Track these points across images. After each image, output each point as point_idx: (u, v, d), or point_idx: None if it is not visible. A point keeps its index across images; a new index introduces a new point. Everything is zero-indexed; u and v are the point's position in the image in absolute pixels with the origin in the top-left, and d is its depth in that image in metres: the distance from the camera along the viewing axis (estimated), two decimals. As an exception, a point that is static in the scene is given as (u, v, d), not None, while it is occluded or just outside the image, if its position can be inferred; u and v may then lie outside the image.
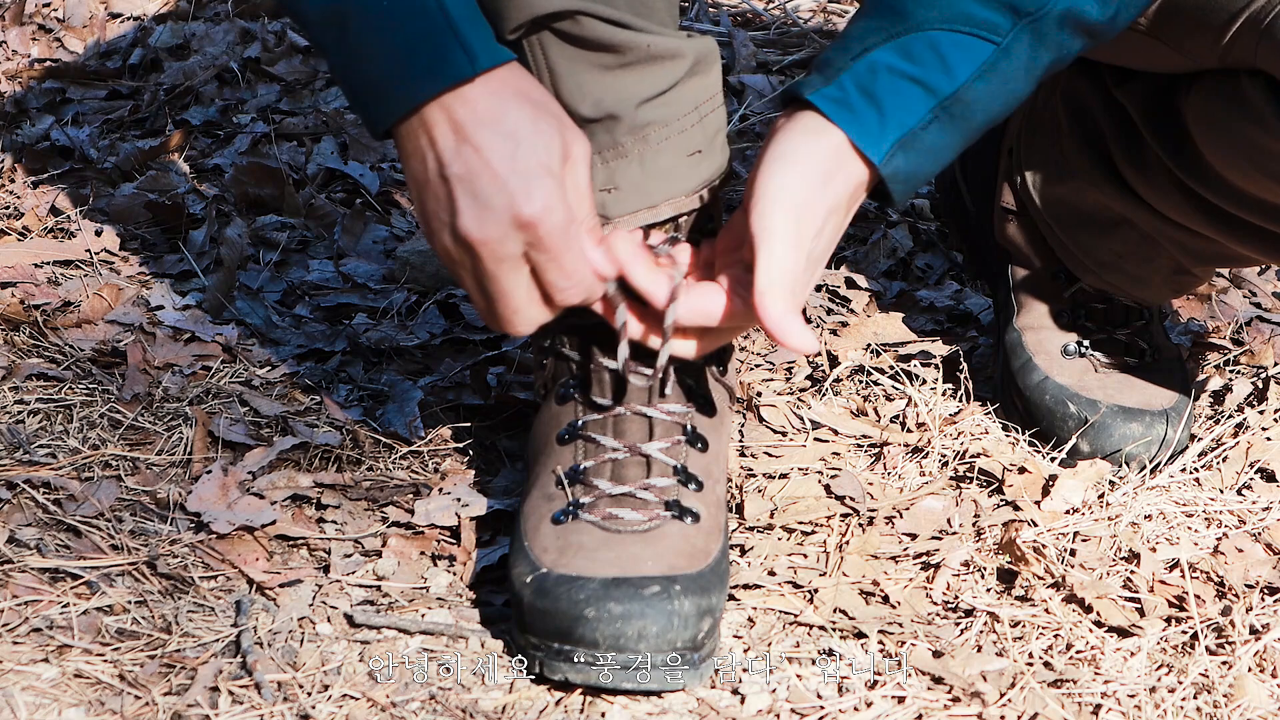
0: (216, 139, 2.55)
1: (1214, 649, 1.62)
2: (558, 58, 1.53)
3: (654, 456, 1.61)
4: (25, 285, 2.10)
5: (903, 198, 1.50)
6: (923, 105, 1.47)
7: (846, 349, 2.04)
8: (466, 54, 1.44)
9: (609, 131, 1.55)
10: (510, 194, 1.44)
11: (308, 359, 2.02)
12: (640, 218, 1.59)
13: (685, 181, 1.59)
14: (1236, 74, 1.66)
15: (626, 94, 1.54)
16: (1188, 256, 1.92)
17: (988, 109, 1.49)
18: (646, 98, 1.55)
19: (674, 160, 1.58)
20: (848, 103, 1.47)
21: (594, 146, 1.55)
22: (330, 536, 1.73)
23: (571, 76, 1.53)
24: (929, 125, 1.47)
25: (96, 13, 2.92)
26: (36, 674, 1.52)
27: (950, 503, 1.81)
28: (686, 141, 1.58)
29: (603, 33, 1.51)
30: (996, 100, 1.49)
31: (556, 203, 1.45)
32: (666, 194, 1.59)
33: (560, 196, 1.46)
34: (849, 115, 1.47)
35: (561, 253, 1.47)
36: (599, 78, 1.53)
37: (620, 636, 1.50)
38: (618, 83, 1.54)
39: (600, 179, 1.57)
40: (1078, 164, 1.93)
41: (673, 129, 1.57)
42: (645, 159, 1.57)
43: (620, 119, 1.55)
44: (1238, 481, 1.86)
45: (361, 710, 1.52)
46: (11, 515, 1.71)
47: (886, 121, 1.46)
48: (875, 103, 1.46)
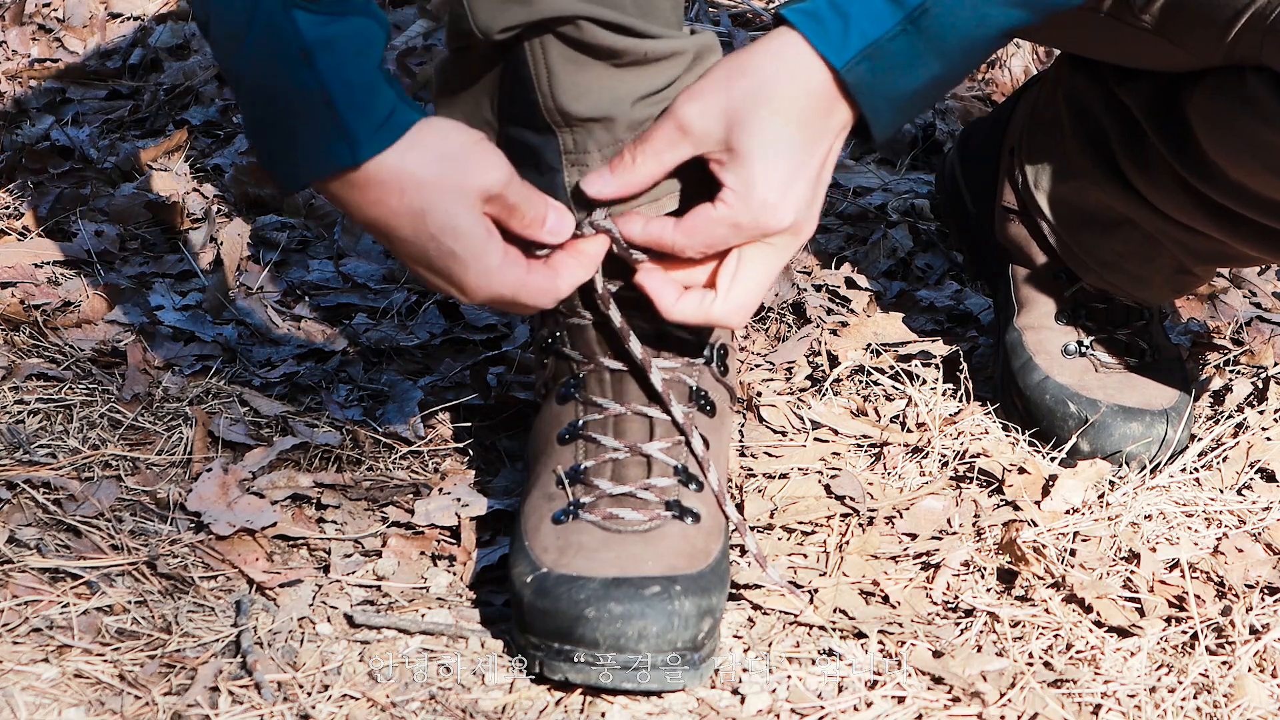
0: (216, 139, 2.55)
1: (1214, 649, 1.62)
2: (557, 59, 1.53)
3: (655, 456, 1.61)
4: (25, 285, 2.10)
5: (876, 117, 1.49)
6: (889, 17, 1.47)
7: (846, 349, 2.04)
8: (348, 144, 1.43)
9: (608, 130, 1.55)
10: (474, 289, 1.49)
11: (308, 359, 2.02)
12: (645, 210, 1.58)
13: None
14: (1241, 71, 1.66)
15: (624, 93, 1.54)
16: (1189, 256, 1.92)
17: (962, 30, 1.48)
18: (643, 95, 1.55)
19: None
20: (816, 15, 1.48)
21: (592, 144, 1.55)
22: (330, 536, 1.73)
23: (570, 77, 1.53)
24: (895, 37, 1.47)
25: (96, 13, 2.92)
26: (36, 674, 1.52)
27: (950, 503, 1.81)
28: None
29: (604, 38, 1.51)
30: (967, 18, 1.48)
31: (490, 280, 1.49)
32: (669, 187, 1.59)
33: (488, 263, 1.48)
34: (814, 24, 1.48)
35: (522, 305, 1.52)
36: (598, 79, 1.53)
37: (621, 636, 1.50)
38: (616, 83, 1.54)
39: None
40: (1080, 163, 1.93)
41: None
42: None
43: (617, 119, 1.55)
44: (1238, 481, 1.86)
45: (361, 710, 1.52)
46: (11, 515, 1.71)
47: (850, 31, 1.47)
48: (841, 14, 1.47)
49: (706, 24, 2.96)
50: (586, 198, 1.55)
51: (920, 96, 1.51)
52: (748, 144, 1.48)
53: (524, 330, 2.06)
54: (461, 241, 1.47)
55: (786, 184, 1.49)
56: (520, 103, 1.56)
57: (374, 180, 1.45)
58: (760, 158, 1.48)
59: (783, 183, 1.49)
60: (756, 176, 1.49)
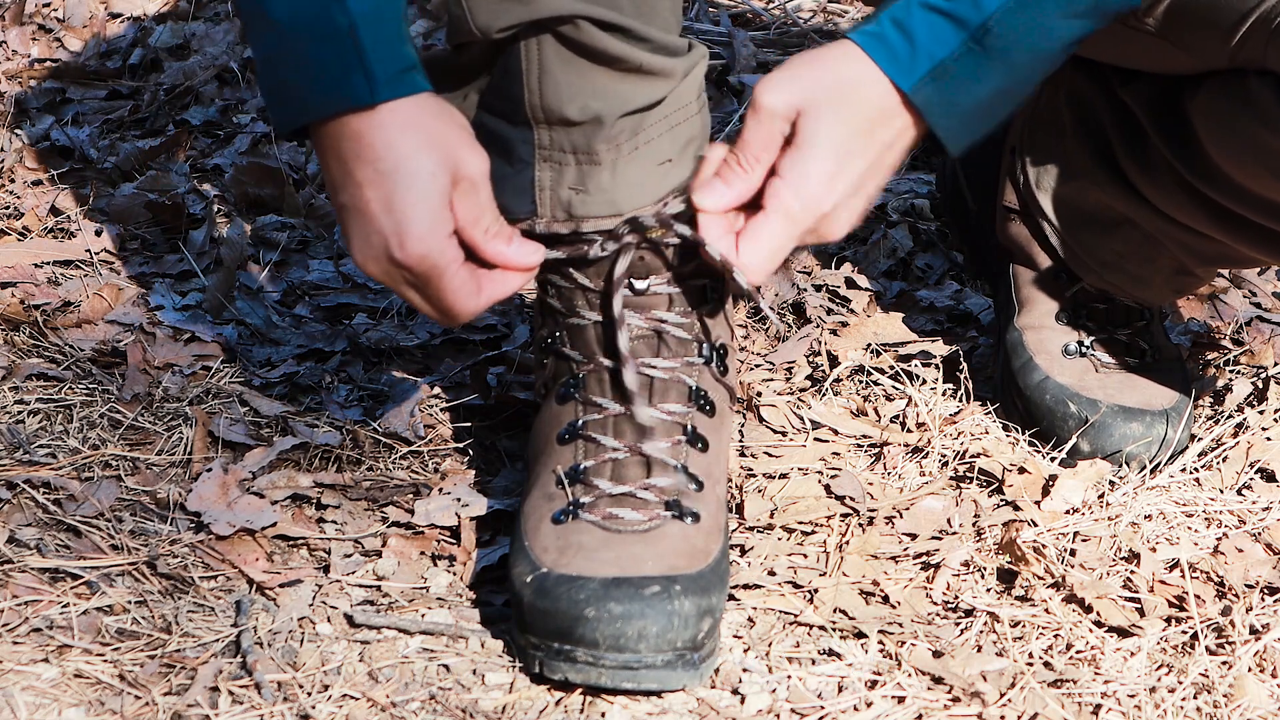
0: (216, 139, 2.55)
1: (1214, 649, 1.62)
2: (552, 59, 1.53)
3: (654, 456, 1.61)
4: (25, 285, 2.10)
5: (948, 132, 1.53)
6: (954, 37, 1.50)
7: (846, 349, 2.04)
8: (368, 81, 1.47)
9: (587, 137, 1.56)
10: (385, 236, 1.49)
11: (308, 359, 2.02)
12: (603, 224, 1.60)
13: (654, 191, 1.60)
14: (1244, 74, 1.66)
15: (615, 103, 1.55)
16: (1190, 257, 1.92)
17: (1024, 43, 1.52)
18: (631, 110, 1.56)
19: (645, 171, 1.59)
20: (882, 36, 1.51)
21: (567, 144, 1.56)
22: (330, 536, 1.73)
23: (563, 78, 1.54)
24: (961, 57, 1.51)
25: (96, 13, 2.92)
26: (36, 674, 1.52)
27: (950, 503, 1.81)
28: (658, 150, 1.59)
29: (601, 41, 1.52)
30: (1031, 33, 1.51)
31: (431, 244, 1.50)
32: (633, 203, 1.59)
33: (437, 234, 1.49)
34: (881, 45, 1.51)
35: (439, 287, 1.52)
36: (590, 83, 1.54)
37: (620, 636, 1.50)
38: (608, 89, 1.55)
39: (570, 177, 1.58)
40: (1081, 163, 1.93)
41: (642, 138, 1.58)
42: (617, 167, 1.58)
43: (604, 124, 1.56)
44: (1238, 481, 1.86)
45: (361, 710, 1.52)
46: (11, 515, 1.71)
47: (917, 52, 1.50)
48: (907, 35, 1.51)
49: (706, 24, 2.96)
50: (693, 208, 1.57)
51: (990, 108, 1.54)
52: (808, 132, 1.51)
53: (524, 330, 2.06)
54: (423, 190, 1.48)
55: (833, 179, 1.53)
56: (502, 95, 1.57)
57: (371, 128, 1.47)
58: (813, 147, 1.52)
59: (830, 175, 1.52)
60: (807, 162, 1.52)
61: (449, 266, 1.51)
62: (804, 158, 1.52)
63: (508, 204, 1.59)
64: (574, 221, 1.60)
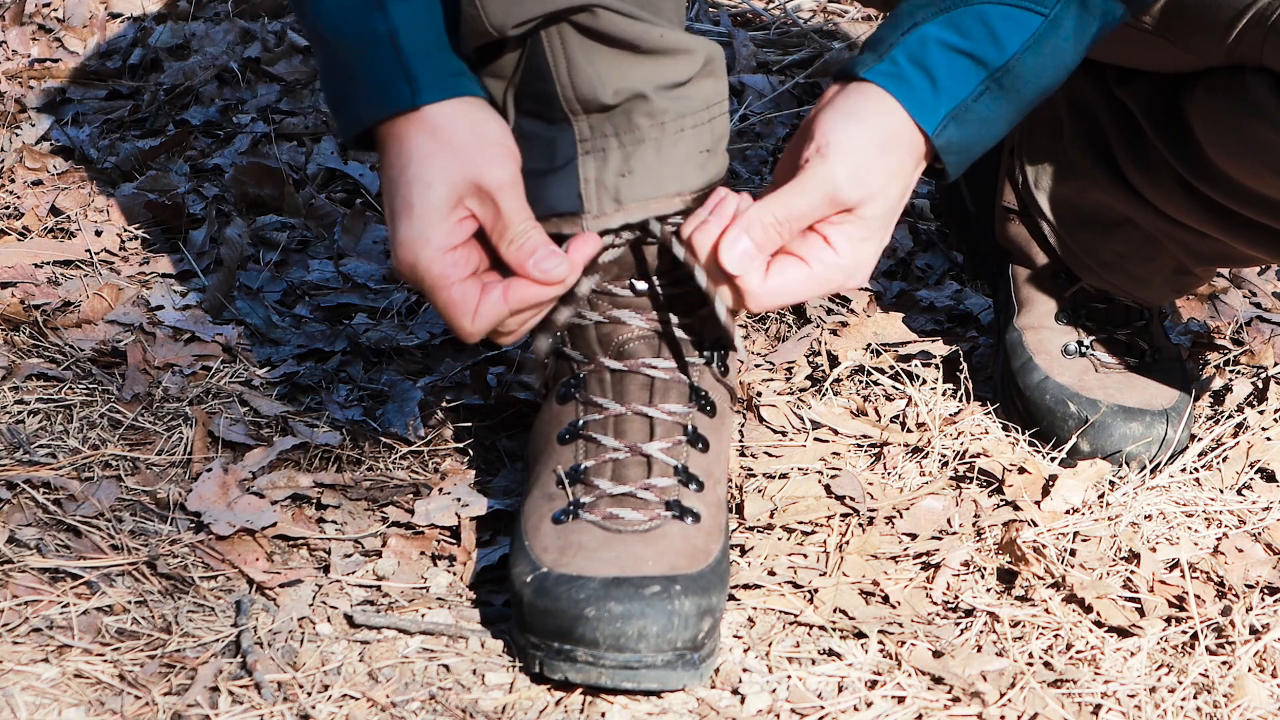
0: (216, 139, 2.55)
1: (1214, 649, 1.62)
2: (575, 48, 1.53)
3: (655, 456, 1.61)
4: (25, 285, 2.10)
5: (956, 170, 1.53)
6: (974, 77, 1.50)
7: (846, 349, 2.04)
8: (410, 85, 1.50)
9: (627, 114, 1.55)
10: (399, 243, 1.51)
11: (308, 359, 2.02)
12: (652, 207, 1.58)
13: (694, 179, 1.59)
14: (1241, 71, 1.67)
15: (644, 79, 1.55)
16: (1190, 256, 1.92)
17: (1038, 80, 1.52)
18: (663, 85, 1.55)
19: (687, 153, 1.58)
20: (901, 76, 1.50)
21: (610, 129, 1.56)
22: (330, 536, 1.73)
23: (590, 65, 1.53)
24: (980, 97, 1.51)
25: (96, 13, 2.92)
26: (36, 674, 1.52)
27: (950, 503, 1.81)
28: (699, 138, 1.59)
29: (619, 25, 1.52)
30: (1047, 71, 1.52)
31: (419, 255, 1.50)
32: (678, 187, 1.59)
33: (426, 246, 1.50)
34: (904, 87, 1.50)
35: (432, 301, 1.53)
36: (617, 66, 1.54)
37: (621, 636, 1.50)
38: (635, 70, 1.55)
39: (615, 163, 1.57)
40: (1080, 163, 1.93)
41: (688, 121, 1.57)
42: (662, 146, 1.57)
43: (637, 101, 1.55)
44: (1238, 481, 1.86)
45: (361, 710, 1.52)
46: (11, 515, 1.71)
47: (939, 93, 1.50)
48: (928, 75, 1.50)
49: (706, 24, 2.96)
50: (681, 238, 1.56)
51: (993, 139, 1.55)
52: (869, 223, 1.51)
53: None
54: (420, 199, 1.50)
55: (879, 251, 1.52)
56: (535, 95, 1.56)
57: (426, 125, 1.50)
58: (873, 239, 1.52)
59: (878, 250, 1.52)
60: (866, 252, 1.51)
61: (438, 281, 1.51)
62: (862, 238, 1.51)
63: (555, 205, 1.59)
64: (623, 209, 1.58)
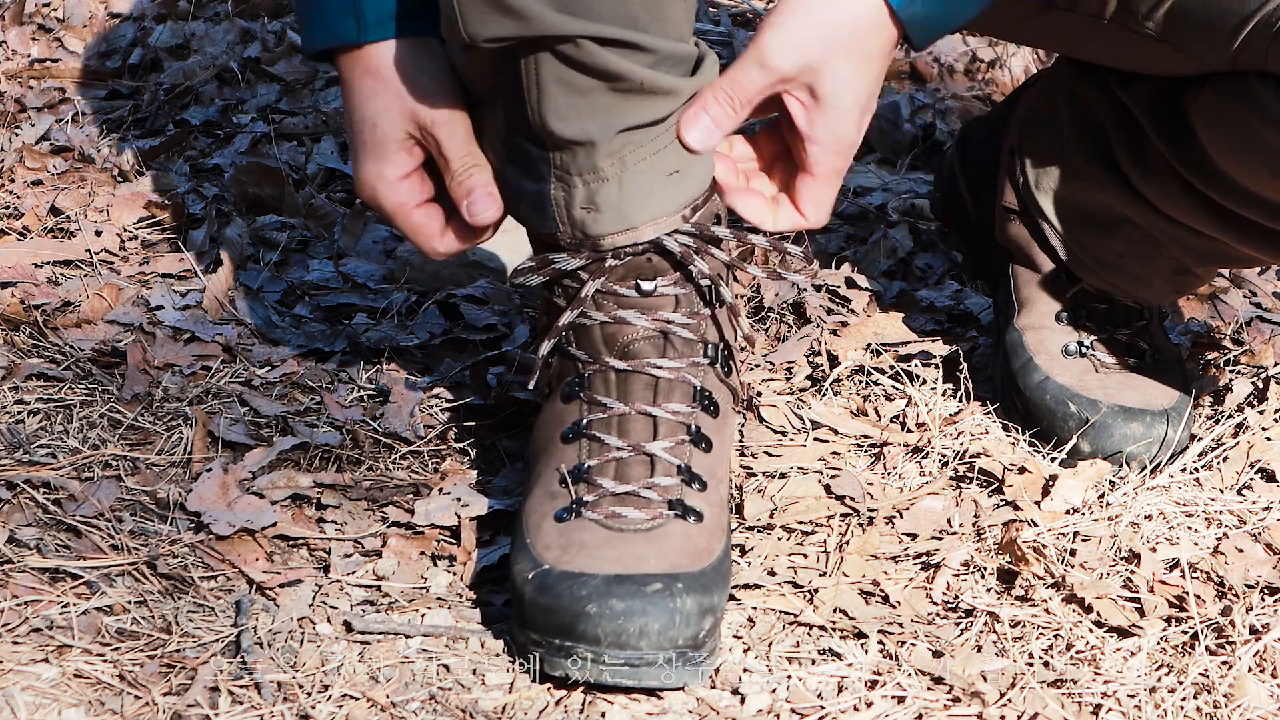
0: (216, 139, 2.55)
1: (1214, 649, 1.62)
2: (549, 78, 1.52)
3: (658, 456, 1.61)
4: (25, 285, 2.10)
5: (923, 43, 1.58)
6: None
7: (846, 349, 2.04)
8: (358, 22, 1.60)
9: (589, 155, 1.56)
10: (358, 178, 1.66)
11: (308, 359, 2.02)
12: (622, 239, 1.59)
13: (666, 202, 1.59)
14: (1245, 75, 1.66)
15: (612, 121, 1.54)
16: (1190, 256, 1.92)
17: None
18: (629, 126, 1.55)
19: (653, 180, 1.58)
20: None
21: (573, 166, 1.56)
22: (330, 536, 1.73)
23: (561, 97, 1.53)
24: None
25: (96, 13, 2.92)
26: (36, 674, 1.52)
27: (950, 503, 1.81)
28: (662, 162, 1.58)
29: (602, 59, 1.51)
30: None
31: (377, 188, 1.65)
32: (647, 215, 1.59)
33: (382, 178, 1.65)
34: None
35: (398, 227, 1.67)
36: (590, 103, 1.53)
37: (622, 633, 1.50)
38: (609, 109, 1.54)
39: (580, 198, 1.57)
40: (1081, 164, 1.93)
41: (647, 149, 1.57)
42: (624, 180, 1.57)
43: (599, 145, 1.55)
44: (1238, 481, 1.86)
45: (361, 710, 1.52)
46: (11, 515, 1.71)
47: None
48: None
49: (706, 24, 2.96)
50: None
51: (959, 13, 1.60)
52: (830, 92, 1.57)
53: (524, 330, 2.06)
54: (370, 136, 1.64)
55: (861, 121, 1.59)
56: (516, 114, 1.57)
57: (370, 65, 1.61)
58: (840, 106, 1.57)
59: (858, 120, 1.59)
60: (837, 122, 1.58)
61: (397, 209, 1.66)
62: (835, 121, 1.57)
63: (533, 221, 1.62)
64: (590, 241, 1.59)
